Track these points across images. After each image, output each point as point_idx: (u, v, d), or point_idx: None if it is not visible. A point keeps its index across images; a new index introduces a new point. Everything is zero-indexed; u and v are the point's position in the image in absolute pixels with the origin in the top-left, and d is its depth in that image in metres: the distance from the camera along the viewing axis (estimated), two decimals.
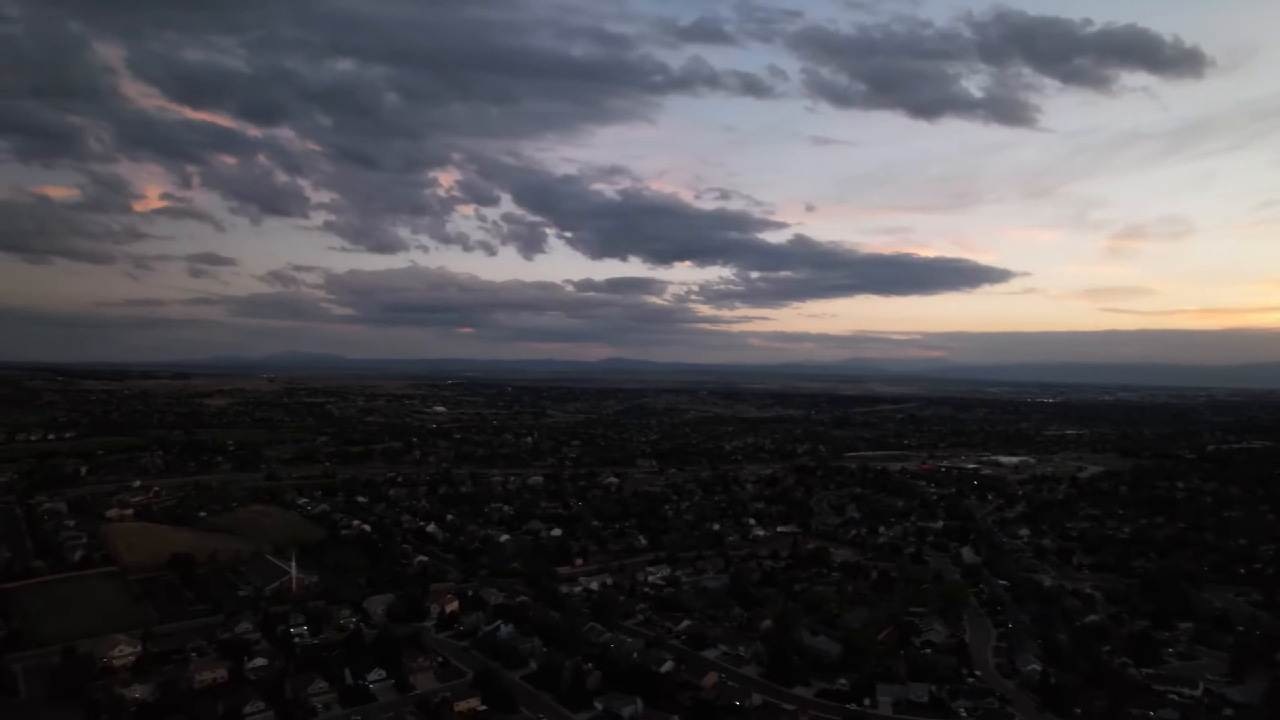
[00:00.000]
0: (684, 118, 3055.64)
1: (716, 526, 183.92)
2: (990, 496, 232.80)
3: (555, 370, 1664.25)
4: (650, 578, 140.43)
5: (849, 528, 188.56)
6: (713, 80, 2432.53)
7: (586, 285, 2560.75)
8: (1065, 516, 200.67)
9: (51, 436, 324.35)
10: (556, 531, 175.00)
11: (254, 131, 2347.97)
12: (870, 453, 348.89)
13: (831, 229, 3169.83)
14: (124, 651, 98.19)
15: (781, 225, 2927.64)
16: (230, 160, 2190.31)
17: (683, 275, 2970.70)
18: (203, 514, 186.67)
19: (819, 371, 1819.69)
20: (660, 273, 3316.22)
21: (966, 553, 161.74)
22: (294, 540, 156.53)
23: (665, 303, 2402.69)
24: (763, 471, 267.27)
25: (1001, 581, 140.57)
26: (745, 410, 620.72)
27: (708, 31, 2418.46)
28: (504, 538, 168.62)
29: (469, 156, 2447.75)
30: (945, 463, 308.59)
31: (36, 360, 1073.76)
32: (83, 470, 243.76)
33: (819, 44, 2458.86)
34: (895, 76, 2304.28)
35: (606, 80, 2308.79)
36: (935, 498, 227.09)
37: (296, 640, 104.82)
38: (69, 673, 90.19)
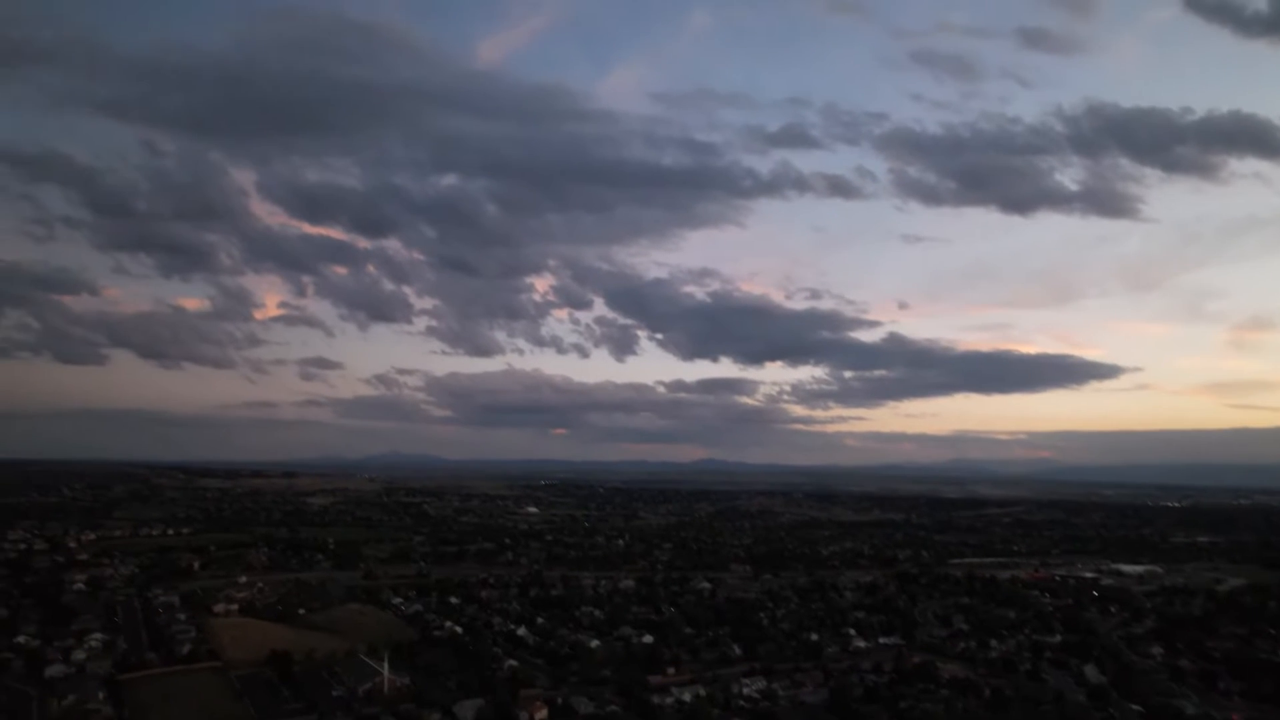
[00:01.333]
0: (773, 220, 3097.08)
1: (815, 636, 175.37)
2: (1113, 609, 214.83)
3: (648, 471, 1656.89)
4: (745, 690, 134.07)
5: (957, 640, 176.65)
6: (801, 183, 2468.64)
7: (678, 386, 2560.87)
8: (1205, 634, 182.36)
9: (170, 531, 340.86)
10: (648, 638, 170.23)
11: (364, 243, 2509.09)
12: (977, 559, 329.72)
13: (926, 326, 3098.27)
14: None
15: (874, 324, 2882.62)
16: (342, 270, 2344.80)
17: (775, 375, 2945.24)
18: (302, 611, 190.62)
19: (919, 473, 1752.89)
20: (752, 373, 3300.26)
21: (1090, 671, 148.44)
22: (388, 640, 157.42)
23: (757, 403, 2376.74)
24: (862, 578, 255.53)
25: (1135, 706, 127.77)
26: (842, 513, 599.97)
27: (794, 137, 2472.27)
28: (594, 643, 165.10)
29: (564, 263, 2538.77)
30: (1059, 571, 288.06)
31: (163, 459, 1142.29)
32: (195, 565, 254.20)
33: (906, 144, 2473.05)
34: (985, 173, 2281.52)
35: (697, 186, 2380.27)
36: (1050, 609, 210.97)
37: None
38: None
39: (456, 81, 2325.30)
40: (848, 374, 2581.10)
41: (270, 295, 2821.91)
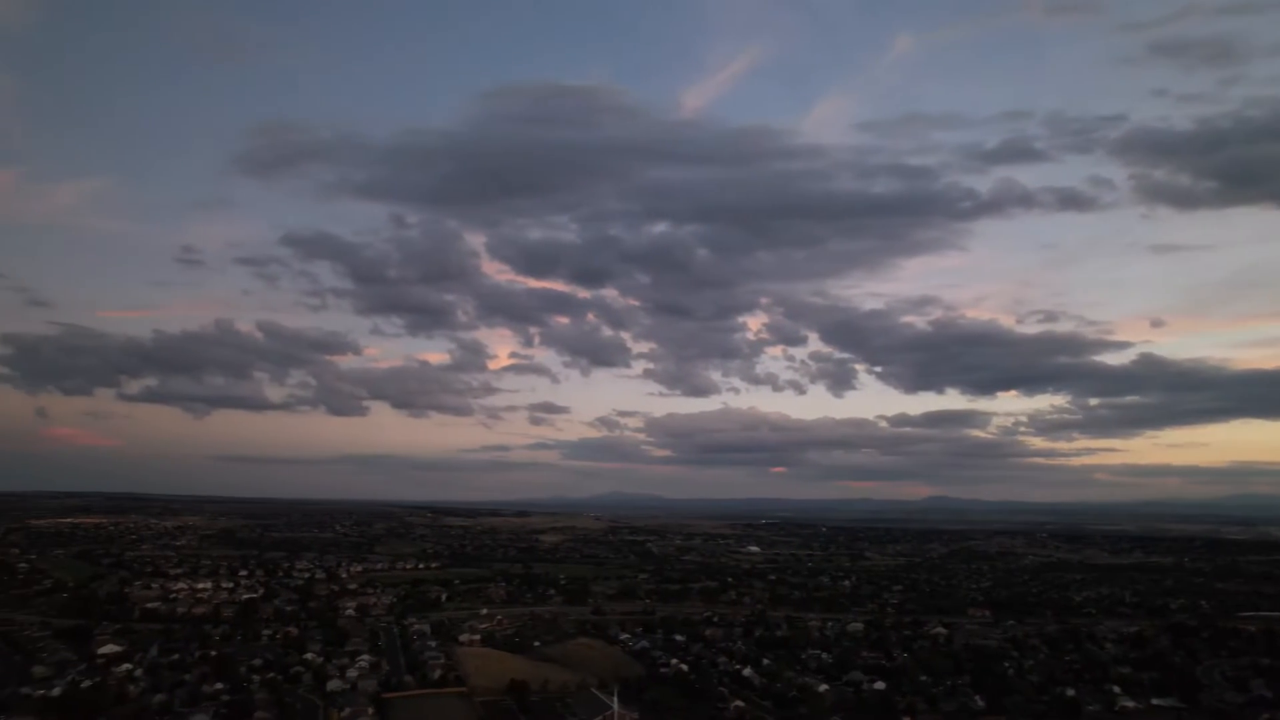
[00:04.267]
0: (997, 241, 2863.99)
1: (1070, 692, 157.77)
2: None
3: (872, 510, 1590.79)
4: None
5: (1258, 708, 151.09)
6: (1026, 200, 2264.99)
7: (901, 420, 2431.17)
8: None
9: (421, 566, 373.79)
10: (880, 684, 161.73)
11: (583, 293, 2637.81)
12: (1277, 613, 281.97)
13: (1188, 345, 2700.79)
14: None
15: (1123, 345, 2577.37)
16: (564, 320, 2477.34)
17: (1008, 406, 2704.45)
18: (536, 644, 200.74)
19: (1190, 510, 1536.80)
20: (982, 404, 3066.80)
21: None
22: (616, 675, 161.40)
23: (990, 436, 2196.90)
24: (1125, 629, 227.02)
25: None
26: (1095, 555, 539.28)
27: (1016, 152, 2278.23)
28: (823, 687, 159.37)
29: (776, 300, 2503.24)
30: None
31: (414, 499, 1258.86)
32: (443, 597, 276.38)
33: (1149, 146, 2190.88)
34: (1256, 167, 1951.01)
35: (911, 213, 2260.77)
36: None
37: None
38: None
39: (663, 133, 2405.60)
40: (1093, 401, 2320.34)
41: (501, 346, 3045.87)
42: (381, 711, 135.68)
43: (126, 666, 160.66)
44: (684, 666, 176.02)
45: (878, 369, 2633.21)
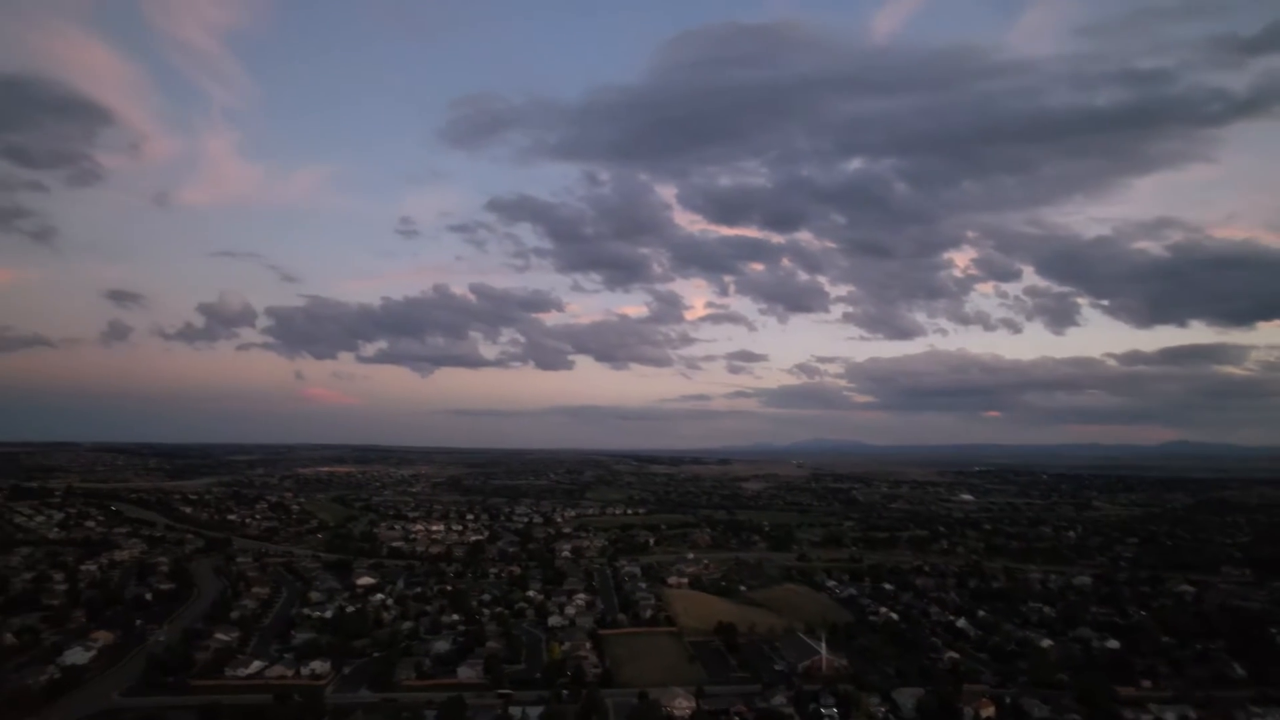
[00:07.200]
0: (1257, 145, 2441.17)
1: None
2: None
3: (1100, 456, 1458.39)
4: None
5: None
6: None
7: (1134, 358, 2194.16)
8: None
9: (630, 511, 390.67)
10: (1113, 643, 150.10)
11: (777, 238, 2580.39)
12: None
13: None
14: (681, 704, 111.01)
15: None
16: (759, 267, 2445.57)
17: (1270, 337, 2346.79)
18: (743, 588, 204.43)
19: None
20: (1235, 336, 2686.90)
21: None
22: (823, 621, 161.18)
23: (1247, 372, 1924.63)
24: None
25: None
26: None
27: None
28: (1046, 643, 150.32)
29: (985, 233, 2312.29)
30: None
31: (619, 448, 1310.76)
32: (651, 541, 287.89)
33: None
34: None
35: (1142, 125, 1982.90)
36: None
37: None
38: (642, 714, 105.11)
39: (854, 62, 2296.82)
40: None
41: (697, 297, 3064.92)
42: (598, 646, 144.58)
43: (380, 596, 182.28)
44: (894, 615, 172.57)
45: (1104, 302, 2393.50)
